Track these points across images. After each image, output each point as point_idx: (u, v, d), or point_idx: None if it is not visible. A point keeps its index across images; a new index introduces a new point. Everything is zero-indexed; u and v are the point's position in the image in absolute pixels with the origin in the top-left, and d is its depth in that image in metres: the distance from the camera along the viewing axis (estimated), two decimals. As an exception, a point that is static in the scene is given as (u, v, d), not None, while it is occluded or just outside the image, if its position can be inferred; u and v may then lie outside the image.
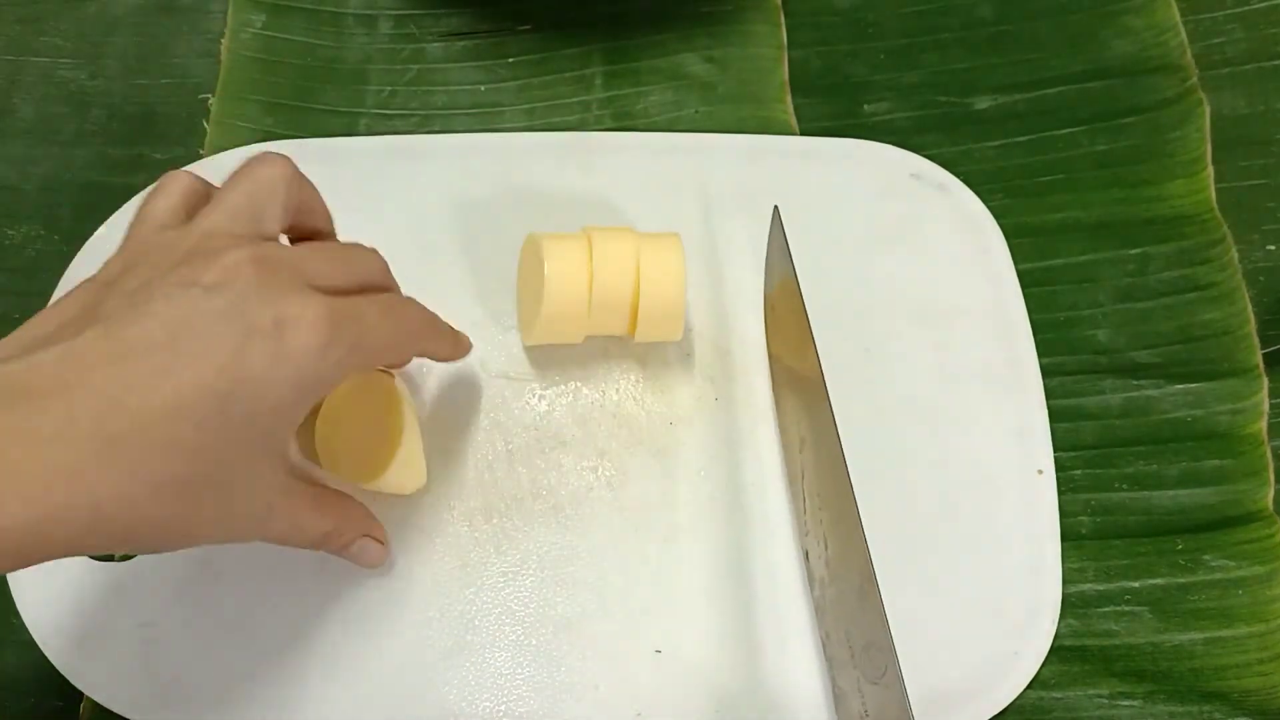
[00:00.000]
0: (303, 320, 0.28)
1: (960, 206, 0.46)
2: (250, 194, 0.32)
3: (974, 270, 0.45)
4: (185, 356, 0.27)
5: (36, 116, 0.50)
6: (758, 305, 0.44)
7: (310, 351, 0.28)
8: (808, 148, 0.47)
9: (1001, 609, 0.39)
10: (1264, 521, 0.41)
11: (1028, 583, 0.40)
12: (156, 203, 0.32)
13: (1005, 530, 0.40)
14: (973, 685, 0.38)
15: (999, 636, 0.39)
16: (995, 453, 0.42)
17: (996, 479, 0.41)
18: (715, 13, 0.51)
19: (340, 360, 0.29)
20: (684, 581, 0.39)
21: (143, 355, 0.26)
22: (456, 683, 0.38)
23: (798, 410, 0.40)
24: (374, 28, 0.51)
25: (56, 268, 0.45)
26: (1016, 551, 0.40)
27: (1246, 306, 0.45)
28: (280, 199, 0.32)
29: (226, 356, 0.27)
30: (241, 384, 0.27)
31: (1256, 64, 0.50)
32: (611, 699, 0.38)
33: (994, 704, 0.38)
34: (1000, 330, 0.44)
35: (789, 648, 0.39)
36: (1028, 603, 0.39)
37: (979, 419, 0.42)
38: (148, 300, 0.27)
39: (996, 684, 0.38)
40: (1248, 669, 0.39)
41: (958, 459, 0.42)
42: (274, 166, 0.32)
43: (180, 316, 0.27)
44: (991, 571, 0.40)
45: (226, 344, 0.27)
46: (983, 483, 0.41)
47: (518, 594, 0.39)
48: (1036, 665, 0.39)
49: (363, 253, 0.35)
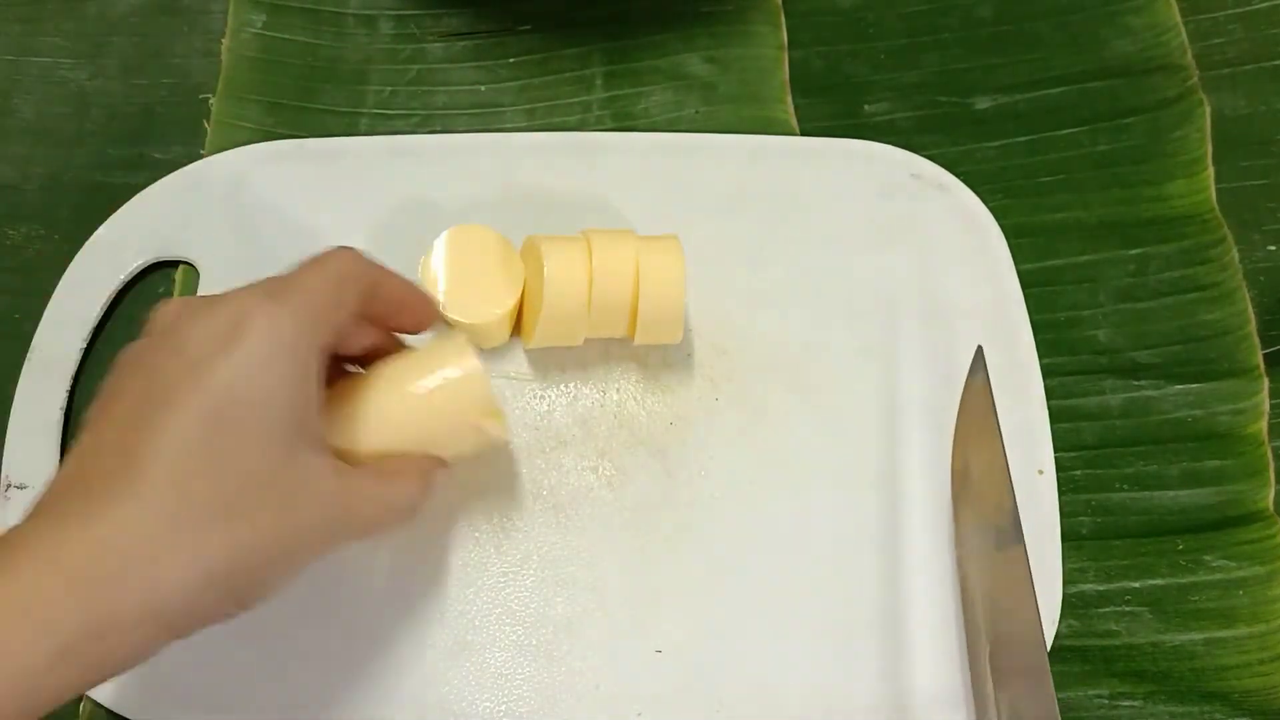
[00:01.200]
0: (240, 311, 0.29)
1: (960, 206, 0.46)
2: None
3: (975, 270, 0.45)
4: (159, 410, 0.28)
5: (36, 116, 0.50)
6: (757, 305, 0.44)
7: (258, 333, 0.29)
8: (808, 148, 0.47)
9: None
10: (1265, 522, 0.41)
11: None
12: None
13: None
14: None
15: None
16: None
17: None
18: (716, 13, 0.51)
19: (294, 329, 0.30)
20: (684, 581, 0.39)
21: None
22: (456, 683, 0.38)
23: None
24: (374, 28, 0.51)
25: (57, 267, 0.45)
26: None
27: (1247, 307, 0.45)
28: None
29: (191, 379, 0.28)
30: (219, 395, 0.28)
31: (1257, 64, 0.50)
32: (611, 699, 0.38)
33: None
34: (1000, 330, 0.44)
35: (788, 647, 0.39)
36: None
37: None
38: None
39: None
40: (1248, 669, 0.39)
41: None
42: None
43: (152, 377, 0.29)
44: None
45: (180, 369, 0.28)
46: None
47: (518, 594, 0.39)
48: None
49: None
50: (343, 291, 0.32)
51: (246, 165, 0.47)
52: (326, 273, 0.32)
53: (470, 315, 0.40)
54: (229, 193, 0.46)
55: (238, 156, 0.47)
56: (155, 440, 0.27)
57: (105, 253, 0.45)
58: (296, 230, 0.45)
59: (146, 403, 0.28)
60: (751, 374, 0.43)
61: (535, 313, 0.39)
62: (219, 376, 0.28)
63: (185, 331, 0.29)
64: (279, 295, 0.30)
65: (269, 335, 0.29)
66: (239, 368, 0.28)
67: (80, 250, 0.45)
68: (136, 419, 0.28)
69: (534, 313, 0.40)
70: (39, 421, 0.42)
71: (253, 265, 0.44)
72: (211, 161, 0.47)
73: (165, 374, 0.29)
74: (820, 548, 0.40)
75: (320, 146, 0.47)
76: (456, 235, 0.41)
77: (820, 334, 0.44)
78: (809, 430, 0.42)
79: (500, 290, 0.40)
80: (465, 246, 0.41)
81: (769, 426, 0.42)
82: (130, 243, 0.45)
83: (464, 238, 0.41)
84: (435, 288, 0.40)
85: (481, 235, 0.41)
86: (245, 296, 0.30)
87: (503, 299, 0.40)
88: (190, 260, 0.45)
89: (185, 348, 0.29)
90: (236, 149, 0.47)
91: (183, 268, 0.46)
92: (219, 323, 0.29)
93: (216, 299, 0.30)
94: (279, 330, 0.29)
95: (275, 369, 0.29)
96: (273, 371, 0.29)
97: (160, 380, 0.28)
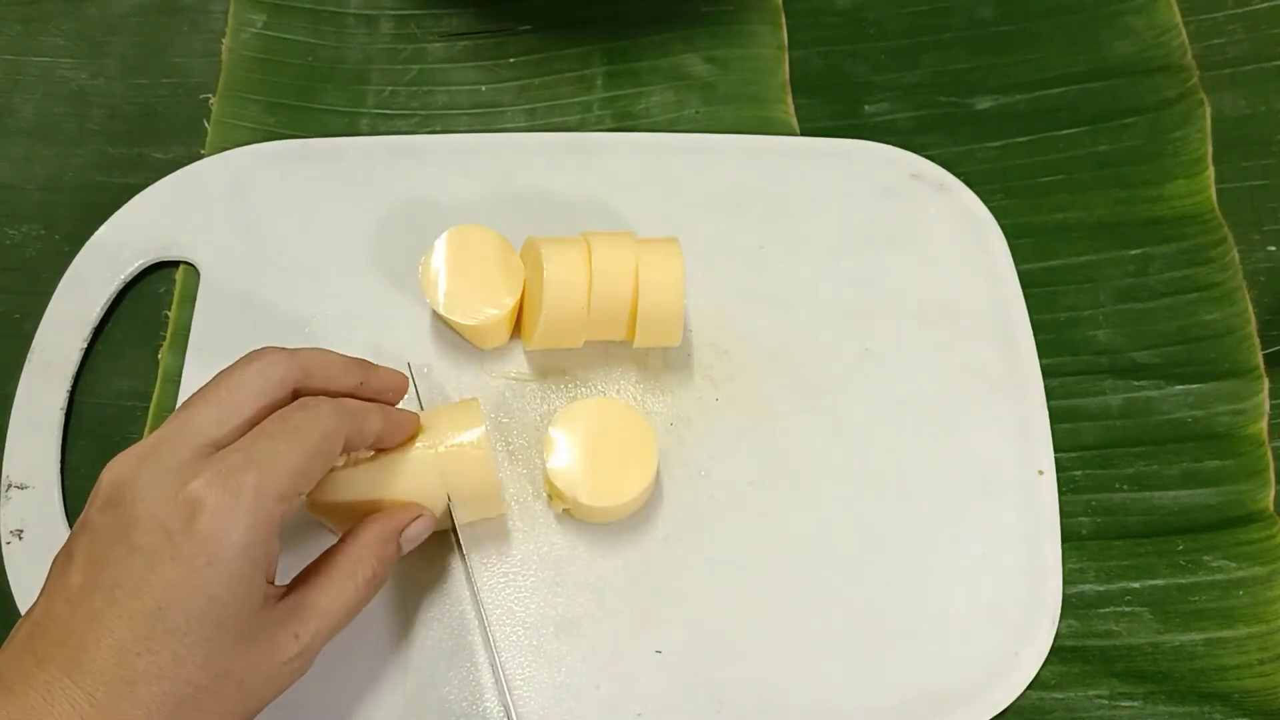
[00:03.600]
0: (192, 500, 0.28)
1: (961, 207, 0.46)
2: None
3: (975, 270, 0.45)
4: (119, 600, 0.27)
5: (37, 116, 0.50)
6: (758, 305, 0.44)
7: (205, 534, 0.28)
8: (808, 148, 0.47)
9: (1002, 610, 0.39)
10: (1265, 522, 0.41)
11: (1028, 583, 0.40)
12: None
13: (1005, 531, 0.40)
14: (973, 686, 0.38)
15: (999, 637, 0.39)
16: (995, 453, 0.42)
17: (997, 479, 0.41)
18: (716, 13, 0.51)
19: (248, 528, 0.28)
20: (684, 582, 0.39)
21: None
22: (457, 682, 0.38)
23: None
24: (375, 27, 0.51)
25: (56, 267, 0.45)
26: (1017, 552, 0.40)
27: (1247, 307, 0.45)
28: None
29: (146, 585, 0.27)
30: (162, 598, 0.27)
31: (1258, 64, 0.50)
32: (611, 699, 0.38)
33: (994, 704, 0.38)
34: (1001, 330, 0.44)
35: (788, 646, 0.39)
36: (1028, 603, 0.39)
37: (979, 419, 0.42)
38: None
39: (997, 684, 0.38)
40: (1248, 670, 0.39)
41: (958, 459, 0.42)
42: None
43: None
44: (992, 572, 0.40)
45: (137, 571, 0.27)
46: (983, 483, 0.41)
47: (518, 594, 0.39)
48: (1037, 666, 0.39)
49: (249, 376, 0.31)
50: (313, 463, 0.30)
51: (248, 165, 0.47)
52: (299, 440, 0.30)
53: (470, 316, 0.40)
54: (230, 192, 0.46)
55: (239, 156, 0.47)
56: (99, 635, 0.27)
57: (105, 253, 0.45)
58: (298, 230, 0.45)
59: (96, 589, 0.27)
60: (751, 374, 0.43)
61: (535, 315, 0.39)
62: (162, 577, 0.27)
63: (132, 510, 0.28)
64: (234, 478, 0.28)
65: (220, 537, 0.28)
66: (184, 573, 0.27)
67: (80, 250, 0.45)
68: (84, 604, 0.27)
69: (534, 314, 0.40)
70: (39, 421, 0.42)
71: (253, 266, 0.45)
72: (212, 161, 0.47)
73: (111, 560, 0.28)
74: (820, 547, 0.40)
75: (322, 146, 0.47)
76: (457, 235, 0.41)
77: (821, 334, 0.44)
78: (809, 430, 0.42)
79: (500, 291, 0.40)
80: (465, 247, 0.41)
81: (769, 427, 0.42)
82: (131, 243, 0.45)
83: (464, 238, 0.41)
84: (435, 288, 0.40)
85: (481, 235, 0.41)
86: (200, 475, 0.28)
87: (502, 300, 0.40)
88: (191, 260, 0.45)
89: (131, 535, 0.28)
90: (238, 149, 0.47)
91: (183, 268, 0.46)
92: (168, 511, 0.28)
93: (165, 464, 0.28)
94: (231, 532, 0.28)
95: (224, 570, 0.28)
96: (221, 573, 0.28)
97: (108, 567, 0.27)
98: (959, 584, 0.40)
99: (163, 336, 0.45)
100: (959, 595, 0.39)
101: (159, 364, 0.44)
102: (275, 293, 0.44)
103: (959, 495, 0.41)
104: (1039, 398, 0.43)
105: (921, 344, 0.44)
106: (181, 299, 0.45)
